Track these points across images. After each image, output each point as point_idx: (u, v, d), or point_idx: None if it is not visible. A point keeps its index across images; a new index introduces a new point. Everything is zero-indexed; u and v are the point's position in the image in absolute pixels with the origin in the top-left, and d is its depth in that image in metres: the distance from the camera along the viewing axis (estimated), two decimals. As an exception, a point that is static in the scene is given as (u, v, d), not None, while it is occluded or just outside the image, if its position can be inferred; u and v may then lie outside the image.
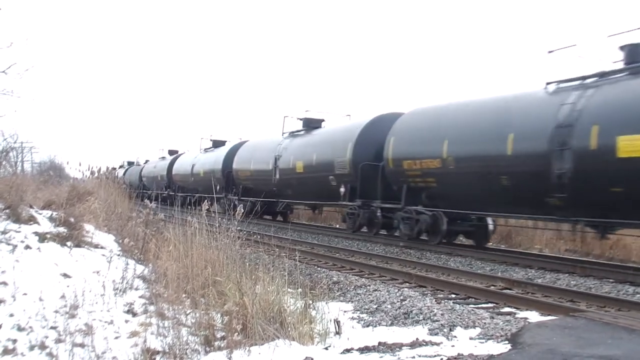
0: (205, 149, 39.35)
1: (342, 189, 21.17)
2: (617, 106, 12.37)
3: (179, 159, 43.70)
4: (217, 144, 38.65)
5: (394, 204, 18.71)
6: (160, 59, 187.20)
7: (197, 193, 32.72)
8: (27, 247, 8.70)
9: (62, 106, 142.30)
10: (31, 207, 10.90)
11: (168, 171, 44.30)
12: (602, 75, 13.50)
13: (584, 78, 13.67)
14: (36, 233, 9.31)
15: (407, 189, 18.01)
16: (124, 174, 56.90)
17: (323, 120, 26.72)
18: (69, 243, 9.45)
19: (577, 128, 12.74)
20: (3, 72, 16.49)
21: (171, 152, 49.73)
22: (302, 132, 26.42)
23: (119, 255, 9.74)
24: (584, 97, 13.06)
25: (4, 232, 8.85)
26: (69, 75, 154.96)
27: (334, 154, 21.83)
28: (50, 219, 10.34)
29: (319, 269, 12.71)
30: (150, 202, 11.55)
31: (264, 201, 25.46)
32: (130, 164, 63.08)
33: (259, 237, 12.04)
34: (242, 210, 8.93)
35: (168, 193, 39.08)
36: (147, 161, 56.28)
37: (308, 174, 23.73)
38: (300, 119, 26.98)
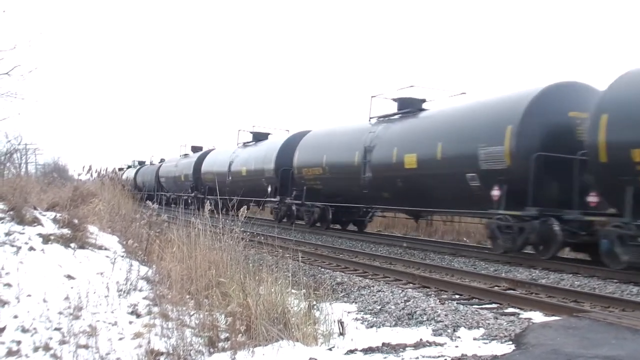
0: (244, 143, 33.39)
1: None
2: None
3: (210, 156, 37.52)
4: (259, 136, 32.78)
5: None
6: (162, 60, 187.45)
7: (236, 196, 28.91)
8: (31, 248, 8.71)
9: (66, 108, 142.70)
10: (35, 208, 10.90)
11: (195, 170, 38.27)
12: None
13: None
14: (40, 234, 9.31)
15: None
16: (135, 174, 53.89)
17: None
18: (72, 244, 9.45)
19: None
20: (7, 74, 16.58)
21: (195, 149, 43.73)
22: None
23: (122, 256, 9.74)
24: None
25: (8, 234, 8.85)
26: (72, 77, 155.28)
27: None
28: (54, 220, 10.35)
29: (322, 269, 12.70)
30: (177, 206, 11.51)
31: (343, 206, 23.17)
32: (142, 163, 58.59)
33: (262, 238, 12.01)
34: (309, 218, 8.93)
35: (196, 196, 35.28)
36: (162, 160, 50.88)
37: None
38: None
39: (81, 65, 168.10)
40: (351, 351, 6.34)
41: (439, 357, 5.98)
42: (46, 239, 9.24)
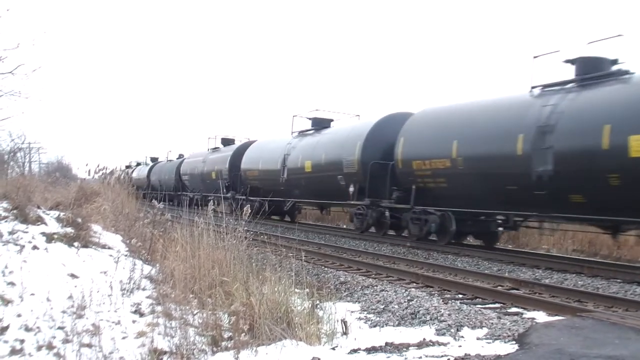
0: (301, 132, 27.26)
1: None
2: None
3: (253, 149, 30.79)
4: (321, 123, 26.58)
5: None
6: (168, 58, 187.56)
7: (291, 197, 26.62)
8: (35, 247, 8.73)
9: (70, 107, 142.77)
10: (39, 207, 10.93)
11: (231, 166, 31.91)
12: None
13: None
14: (44, 233, 9.34)
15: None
16: (149, 172, 50.38)
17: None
18: (76, 243, 9.48)
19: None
20: (10, 73, 16.58)
21: (226, 141, 37.21)
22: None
23: (126, 255, 9.76)
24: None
25: (11, 233, 8.88)
26: (76, 76, 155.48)
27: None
28: (58, 219, 10.37)
29: (326, 269, 12.70)
30: (203, 208, 10.68)
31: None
32: (155, 160, 54.57)
33: (266, 237, 12.01)
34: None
35: (233, 197, 29.43)
36: (181, 156, 45.86)
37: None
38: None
39: (85, 64, 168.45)
40: (354, 350, 6.35)
41: (442, 356, 5.98)
42: (50, 237, 9.26)
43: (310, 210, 31.04)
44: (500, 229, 17.87)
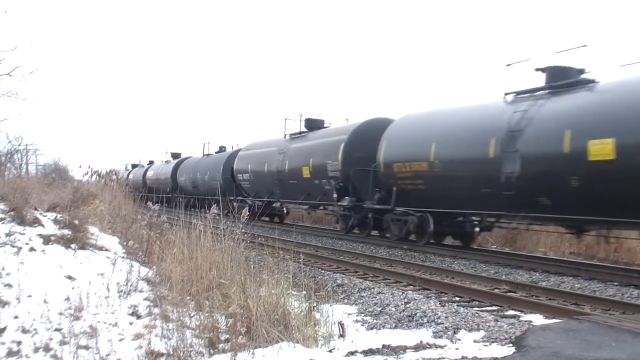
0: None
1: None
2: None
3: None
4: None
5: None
6: (164, 61, 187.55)
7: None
8: (32, 249, 8.72)
9: (67, 108, 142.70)
10: (36, 209, 10.91)
11: (282, 166, 26.01)
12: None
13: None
14: (41, 235, 9.32)
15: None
16: (175, 171, 43.09)
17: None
18: (73, 245, 9.46)
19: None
20: (8, 74, 16.59)
21: (300, 132, 26.90)
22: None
23: (123, 257, 9.74)
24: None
25: (8, 234, 8.86)
26: (73, 77, 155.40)
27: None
28: (55, 221, 10.35)
29: (323, 271, 12.70)
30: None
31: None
32: (177, 155, 48.68)
33: (263, 239, 12.01)
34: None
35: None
36: (222, 149, 39.16)
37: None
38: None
39: (82, 66, 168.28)
40: (351, 353, 6.35)
41: (439, 359, 5.99)
42: (47, 239, 9.25)
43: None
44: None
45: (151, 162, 56.49)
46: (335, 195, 21.68)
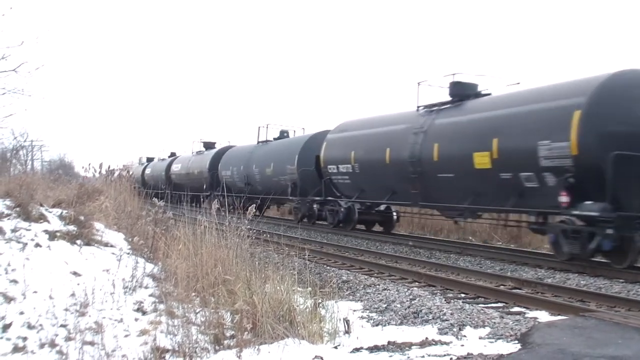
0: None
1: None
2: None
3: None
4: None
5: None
6: (169, 54, 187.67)
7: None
8: (37, 245, 8.73)
9: (72, 104, 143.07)
10: (41, 205, 10.92)
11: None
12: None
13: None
14: (46, 231, 9.34)
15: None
16: (213, 163, 35.92)
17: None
18: (78, 241, 9.47)
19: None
20: (14, 70, 16.61)
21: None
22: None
23: (128, 253, 9.75)
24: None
25: (14, 230, 8.88)
26: (79, 73, 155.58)
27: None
28: (60, 217, 10.36)
29: (328, 268, 12.70)
30: None
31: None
32: (211, 145, 40.48)
33: (268, 236, 12.02)
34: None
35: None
36: (283, 134, 31.64)
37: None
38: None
39: (88, 62, 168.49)
40: (357, 349, 6.34)
41: (444, 355, 5.97)
42: (52, 235, 9.26)
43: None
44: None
45: (173, 154, 48.79)
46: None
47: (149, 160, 53.27)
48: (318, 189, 24.14)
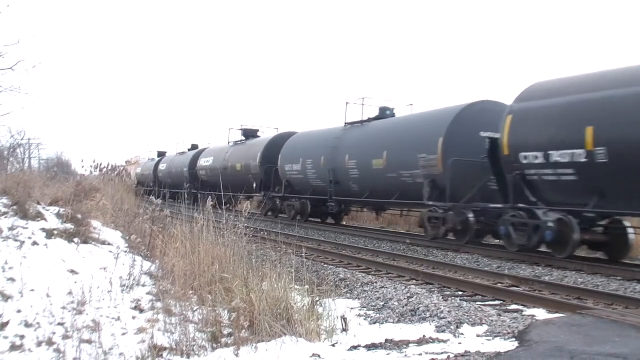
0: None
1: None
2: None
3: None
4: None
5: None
6: (164, 54, 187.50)
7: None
8: (35, 243, 8.72)
9: (69, 102, 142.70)
10: (38, 203, 10.91)
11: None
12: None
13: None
14: (43, 229, 9.33)
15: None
16: (283, 159, 27.33)
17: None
18: (76, 239, 9.47)
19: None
20: (10, 68, 16.58)
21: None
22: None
23: (125, 251, 9.75)
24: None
25: (11, 228, 8.87)
26: (75, 71, 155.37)
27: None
28: (58, 215, 10.36)
29: (325, 265, 12.70)
30: None
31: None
32: (253, 133, 34.21)
33: (265, 233, 12.00)
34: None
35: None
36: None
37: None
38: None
39: (84, 60, 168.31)
40: (354, 347, 6.34)
41: (442, 353, 5.97)
42: (49, 233, 9.26)
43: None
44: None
45: (194, 146, 43.47)
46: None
47: (161, 154, 48.06)
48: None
